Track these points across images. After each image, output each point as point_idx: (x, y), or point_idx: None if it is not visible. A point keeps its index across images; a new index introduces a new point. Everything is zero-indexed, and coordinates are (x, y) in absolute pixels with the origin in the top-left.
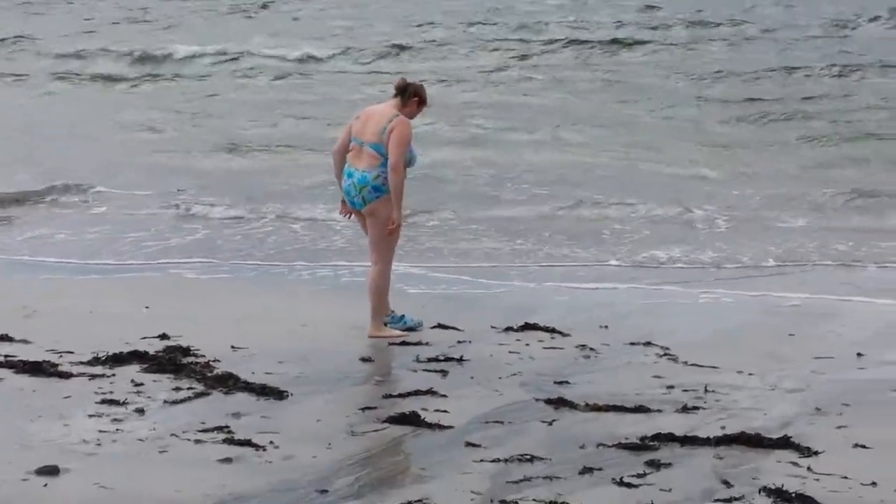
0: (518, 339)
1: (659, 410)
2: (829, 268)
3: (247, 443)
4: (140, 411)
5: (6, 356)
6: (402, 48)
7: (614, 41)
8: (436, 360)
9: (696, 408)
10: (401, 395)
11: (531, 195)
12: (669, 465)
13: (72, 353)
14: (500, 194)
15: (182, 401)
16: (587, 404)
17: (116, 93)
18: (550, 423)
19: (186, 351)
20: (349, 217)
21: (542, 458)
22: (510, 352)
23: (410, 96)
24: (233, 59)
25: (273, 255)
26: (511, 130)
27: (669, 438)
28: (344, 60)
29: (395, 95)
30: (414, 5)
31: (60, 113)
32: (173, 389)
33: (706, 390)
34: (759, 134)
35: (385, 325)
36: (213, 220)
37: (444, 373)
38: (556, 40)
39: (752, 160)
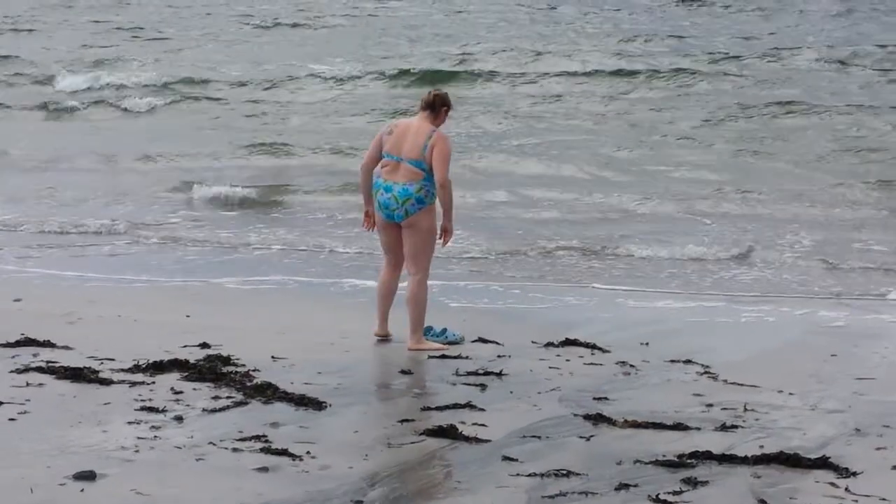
0: (558, 355)
1: (697, 428)
2: (877, 290)
3: (284, 452)
4: (178, 419)
5: (48, 362)
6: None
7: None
8: (475, 373)
9: (734, 426)
10: (439, 408)
11: (574, 222)
12: (706, 483)
13: (113, 360)
14: (543, 228)
15: (221, 409)
16: (625, 421)
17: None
18: (588, 439)
19: (227, 360)
20: (373, 230)
21: (578, 474)
22: (550, 367)
23: (440, 107)
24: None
25: (316, 272)
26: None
27: (707, 456)
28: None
29: (424, 109)
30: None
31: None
32: (212, 398)
33: (745, 409)
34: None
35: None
36: (260, 245)
37: (483, 386)
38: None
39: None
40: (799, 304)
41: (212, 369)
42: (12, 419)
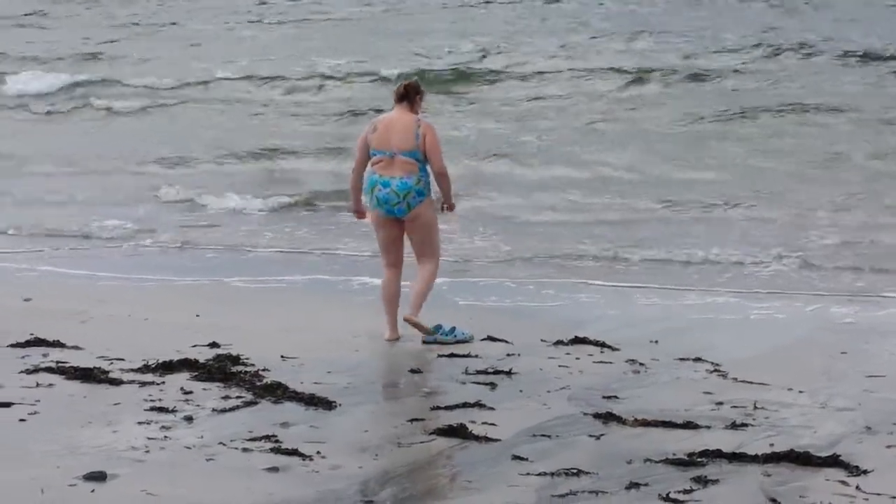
0: (568, 353)
1: (707, 427)
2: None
3: (294, 452)
4: (188, 419)
5: (58, 362)
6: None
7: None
8: (485, 372)
9: (744, 424)
10: (448, 408)
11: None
12: (716, 481)
13: (123, 360)
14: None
15: (230, 409)
16: (635, 419)
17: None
18: (598, 438)
19: (236, 360)
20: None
21: (588, 473)
22: (560, 365)
23: (414, 96)
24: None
25: (327, 269)
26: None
27: (717, 455)
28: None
29: (399, 101)
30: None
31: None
32: (222, 398)
33: (755, 407)
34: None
35: (436, 338)
36: (269, 246)
37: (492, 385)
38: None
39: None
40: (810, 300)
41: (221, 369)
42: (23, 420)
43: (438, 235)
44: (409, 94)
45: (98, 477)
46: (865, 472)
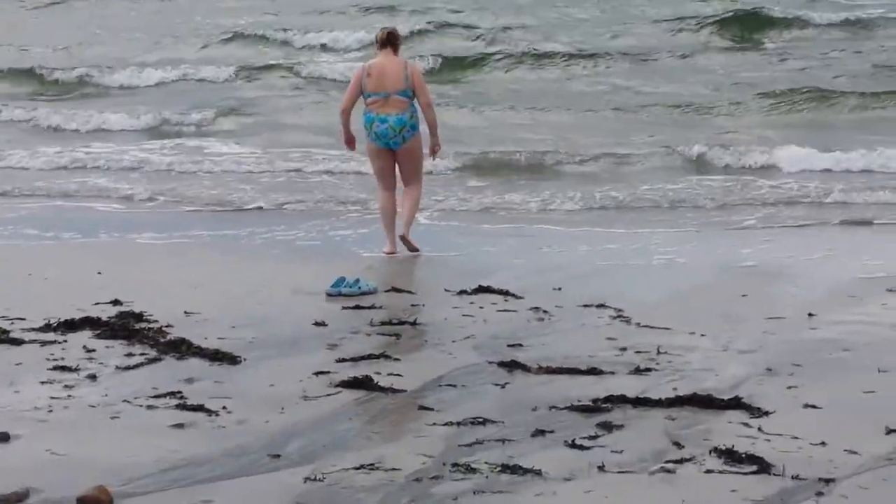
0: (472, 303)
1: (612, 372)
2: (787, 227)
3: (199, 408)
4: (92, 377)
5: None
6: None
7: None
8: (389, 323)
9: (648, 369)
10: (354, 360)
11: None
12: (621, 426)
13: (24, 319)
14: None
15: (134, 367)
16: (540, 367)
17: None
18: (503, 386)
19: (139, 316)
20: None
21: (494, 421)
22: (464, 315)
23: (395, 40)
24: None
25: (228, 225)
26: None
27: (621, 400)
28: None
29: (384, 47)
30: None
31: None
32: (125, 355)
33: (659, 352)
34: None
35: (340, 291)
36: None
37: (397, 336)
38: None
39: None
40: (711, 242)
41: (124, 326)
42: None
43: (423, 164)
44: (391, 40)
45: (1, 437)
46: (767, 413)
